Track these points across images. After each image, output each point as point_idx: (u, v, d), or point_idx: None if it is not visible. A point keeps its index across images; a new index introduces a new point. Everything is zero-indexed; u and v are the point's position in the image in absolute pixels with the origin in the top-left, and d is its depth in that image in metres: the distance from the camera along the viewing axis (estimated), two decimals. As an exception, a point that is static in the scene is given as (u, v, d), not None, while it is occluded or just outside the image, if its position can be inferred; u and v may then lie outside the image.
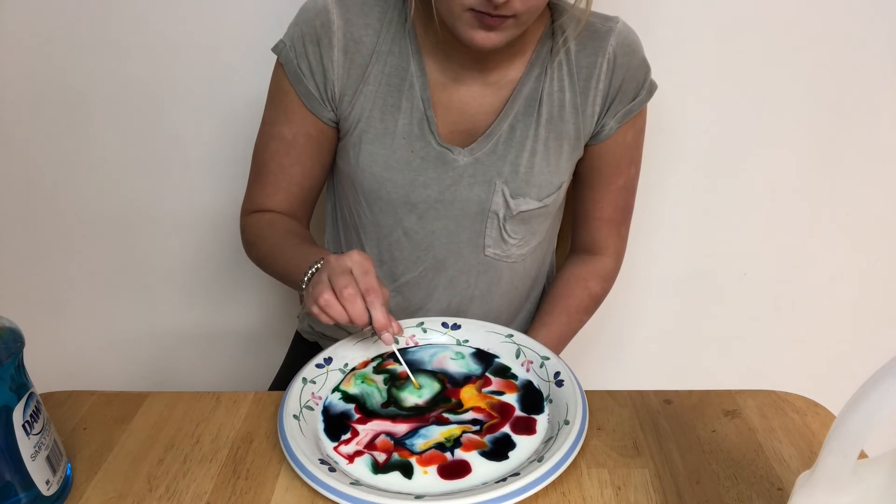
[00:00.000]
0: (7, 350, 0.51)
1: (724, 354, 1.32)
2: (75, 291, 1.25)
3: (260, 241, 0.82)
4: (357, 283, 0.64)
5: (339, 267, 0.65)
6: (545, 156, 0.80)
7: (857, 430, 0.40)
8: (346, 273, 0.64)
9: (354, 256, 0.66)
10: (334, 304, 0.64)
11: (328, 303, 0.64)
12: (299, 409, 0.65)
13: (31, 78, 1.07)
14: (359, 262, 0.65)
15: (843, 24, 1.03)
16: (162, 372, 1.34)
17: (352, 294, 0.63)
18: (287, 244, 0.78)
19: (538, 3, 0.67)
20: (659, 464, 0.61)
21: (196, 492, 0.58)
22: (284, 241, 0.79)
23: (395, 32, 0.78)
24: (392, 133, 0.79)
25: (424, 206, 0.81)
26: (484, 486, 0.56)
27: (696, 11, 1.02)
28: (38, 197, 1.17)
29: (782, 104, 1.09)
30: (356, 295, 0.63)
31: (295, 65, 0.78)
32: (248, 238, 0.85)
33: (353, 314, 0.64)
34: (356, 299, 0.63)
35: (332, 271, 0.65)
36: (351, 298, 0.63)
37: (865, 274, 1.23)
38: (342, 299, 0.63)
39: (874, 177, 1.15)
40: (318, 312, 0.65)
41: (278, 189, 0.83)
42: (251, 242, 0.84)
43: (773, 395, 0.70)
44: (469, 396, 0.68)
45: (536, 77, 0.79)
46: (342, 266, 0.65)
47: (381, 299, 0.64)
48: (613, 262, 0.92)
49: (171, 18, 1.02)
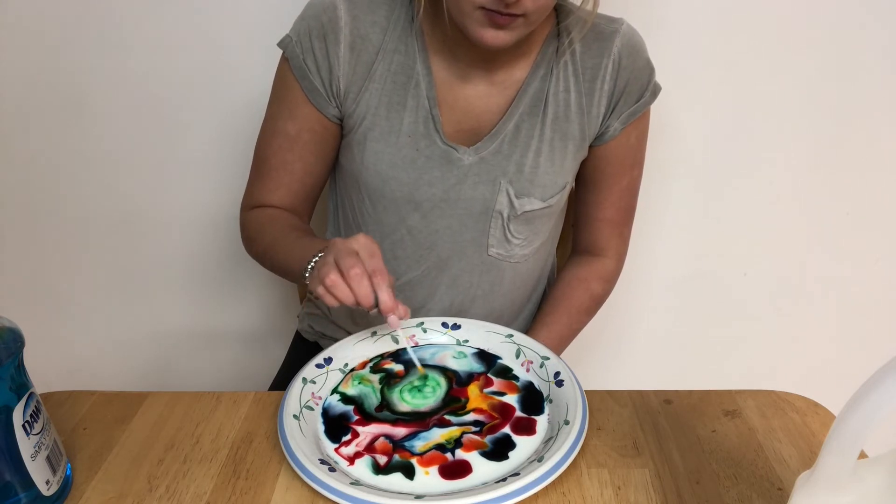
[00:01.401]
0: (7, 350, 0.51)
1: (724, 354, 1.32)
2: (75, 291, 1.25)
3: (260, 236, 0.82)
4: (364, 265, 0.64)
5: (346, 249, 0.65)
6: (550, 156, 0.80)
7: (857, 430, 0.40)
8: (352, 254, 0.64)
9: (361, 239, 0.65)
10: (340, 284, 0.63)
11: (334, 283, 0.63)
12: (299, 409, 0.65)
13: (31, 77, 1.07)
14: (365, 245, 0.65)
15: (843, 27, 1.03)
16: (162, 372, 1.34)
17: (358, 274, 0.63)
18: (288, 238, 0.78)
19: (548, 2, 0.67)
20: (659, 464, 0.61)
21: (196, 492, 0.58)
22: (286, 235, 0.78)
23: (402, 30, 0.77)
24: (397, 131, 0.79)
25: (429, 204, 0.81)
26: (484, 486, 0.56)
27: (696, 14, 1.02)
28: (38, 197, 1.17)
29: (783, 106, 1.09)
30: (363, 275, 0.63)
31: (301, 60, 0.77)
32: (248, 234, 0.85)
33: (360, 294, 0.63)
34: (363, 279, 0.63)
35: (338, 253, 0.65)
36: (357, 278, 0.63)
37: (865, 274, 1.23)
38: (349, 279, 0.63)
39: (874, 177, 1.15)
40: (323, 293, 0.64)
41: (280, 185, 0.83)
42: (251, 238, 0.84)
43: (773, 395, 0.70)
44: (473, 396, 0.68)
45: (542, 77, 0.79)
46: (349, 248, 0.65)
47: (387, 281, 0.64)
48: (615, 264, 0.92)
49: (171, 17, 1.02)
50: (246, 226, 0.85)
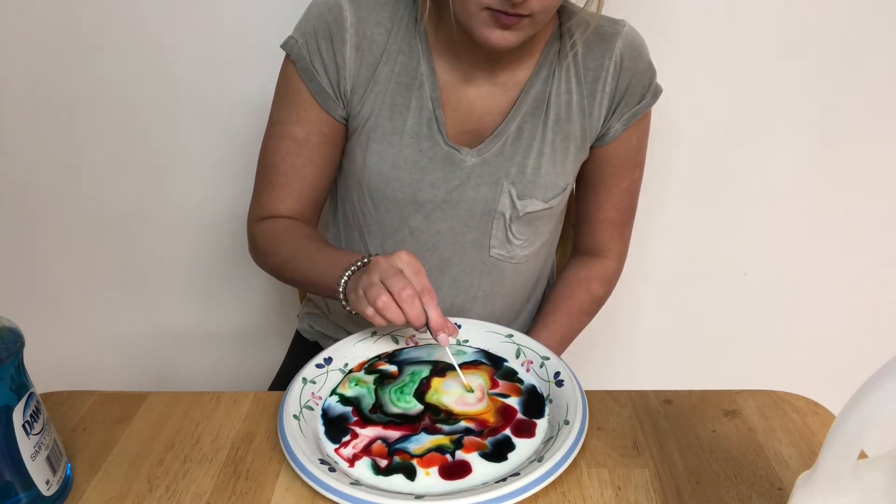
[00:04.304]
0: (7, 350, 0.51)
1: (724, 354, 1.32)
2: (75, 291, 1.25)
3: (276, 249, 0.80)
4: (412, 285, 0.63)
5: (391, 268, 0.64)
6: (552, 157, 0.80)
7: (857, 430, 0.40)
8: (399, 274, 0.63)
9: (404, 257, 0.65)
10: (392, 306, 0.63)
11: (387, 305, 0.62)
12: (299, 409, 0.64)
13: (31, 78, 1.07)
14: (409, 263, 0.64)
15: (843, 27, 1.03)
16: (162, 372, 1.34)
17: (410, 295, 0.62)
18: (309, 249, 0.77)
19: (554, 2, 0.67)
20: (659, 464, 0.61)
21: (196, 492, 0.58)
22: (305, 246, 0.77)
23: (406, 32, 0.77)
24: (400, 132, 0.79)
25: (431, 205, 0.81)
26: (484, 486, 0.56)
27: (698, 16, 1.03)
28: (38, 197, 1.17)
29: (783, 106, 1.09)
30: (414, 296, 0.63)
31: (307, 62, 0.77)
32: (261, 246, 0.83)
33: (411, 316, 0.63)
34: (415, 300, 0.63)
35: (383, 273, 0.64)
36: (409, 300, 0.62)
37: (865, 274, 1.23)
38: (400, 301, 0.62)
39: (874, 177, 1.15)
40: (372, 315, 0.64)
41: (291, 191, 0.81)
42: (265, 251, 0.82)
43: (773, 395, 0.70)
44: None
45: (544, 79, 0.79)
46: (394, 267, 0.64)
47: (436, 299, 0.64)
48: (615, 265, 0.92)
49: (170, 18, 1.02)
50: (257, 239, 0.83)
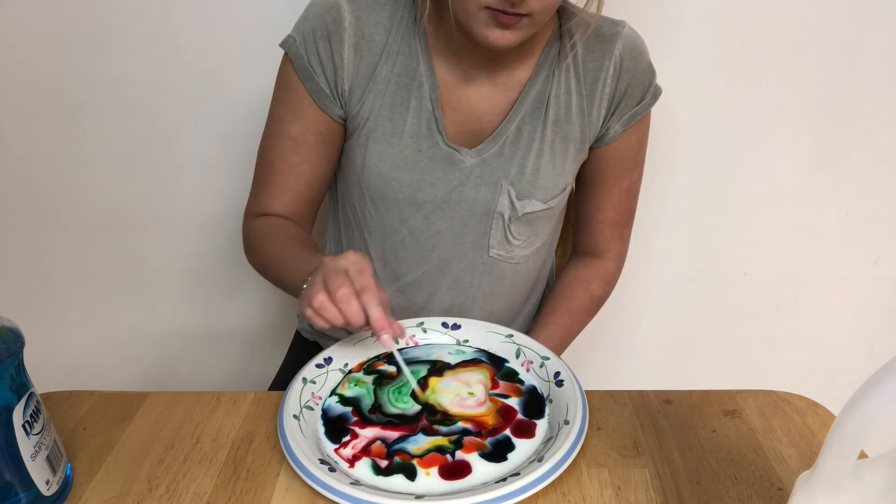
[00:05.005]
0: (7, 350, 0.51)
1: (724, 354, 1.32)
2: (75, 291, 1.25)
3: (261, 247, 0.81)
4: (352, 283, 0.62)
5: (334, 267, 0.63)
6: (551, 158, 0.80)
7: (857, 430, 0.40)
8: (340, 273, 0.62)
9: (350, 256, 0.64)
10: (328, 305, 0.61)
11: (322, 304, 0.61)
12: (299, 409, 0.64)
13: (31, 77, 1.07)
14: (354, 262, 0.63)
15: (843, 28, 1.03)
16: (162, 372, 1.34)
17: (346, 294, 0.61)
18: (288, 250, 0.77)
19: (553, 2, 0.67)
20: (659, 464, 0.61)
21: (196, 492, 0.58)
22: (286, 247, 0.77)
23: (406, 32, 0.77)
24: (400, 132, 0.79)
25: (430, 206, 0.81)
26: (484, 486, 0.56)
27: (697, 17, 1.02)
28: (38, 197, 1.17)
29: (782, 106, 1.09)
30: (351, 294, 0.61)
31: (305, 60, 0.77)
32: (250, 243, 0.84)
33: (349, 315, 0.61)
34: (351, 299, 0.61)
35: (326, 272, 0.63)
36: (345, 298, 0.61)
37: (865, 274, 1.23)
38: (336, 300, 0.61)
39: (874, 177, 1.15)
40: (311, 315, 0.63)
41: (286, 189, 0.82)
42: (253, 248, 0.83)
43: (773, 395, 0.70)
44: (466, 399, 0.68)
45: (544, 79, 0.79)
46: (337, 266, 0.63)
47: (377, 298, 0.62)
48: (615, 265, 0.92)
49: (170, 18, 1.02)
50: (248, 235, 0.84)
